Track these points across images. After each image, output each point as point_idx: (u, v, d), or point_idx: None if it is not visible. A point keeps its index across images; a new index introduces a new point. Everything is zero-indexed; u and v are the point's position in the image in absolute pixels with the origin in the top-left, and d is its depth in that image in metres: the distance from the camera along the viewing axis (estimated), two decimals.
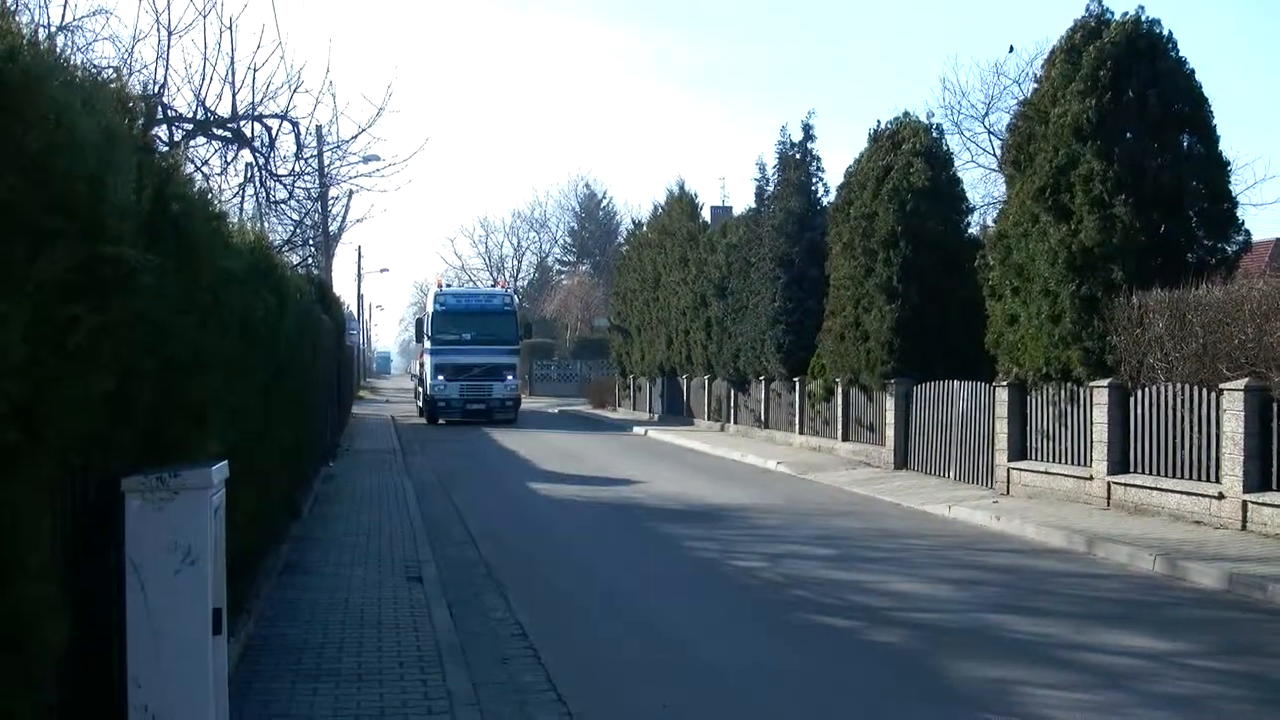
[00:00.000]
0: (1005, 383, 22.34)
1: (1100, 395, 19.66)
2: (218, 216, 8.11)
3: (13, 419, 3.99)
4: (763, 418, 37.98)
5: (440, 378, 46.00)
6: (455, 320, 47.00)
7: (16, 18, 4.42)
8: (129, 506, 5.66)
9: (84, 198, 4.46)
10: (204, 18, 18.49)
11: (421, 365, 50.10)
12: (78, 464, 4.93)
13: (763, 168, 37.93)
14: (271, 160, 20.78)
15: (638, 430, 44.23)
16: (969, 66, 63.64)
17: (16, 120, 3.96)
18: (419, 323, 51.29)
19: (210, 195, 8.13)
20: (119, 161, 4.87)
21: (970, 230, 28.72)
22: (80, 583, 5.18)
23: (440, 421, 46.07)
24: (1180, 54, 20.72)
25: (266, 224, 22.55)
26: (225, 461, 6.47)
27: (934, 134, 28.53)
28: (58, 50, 5.40)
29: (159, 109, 16.40)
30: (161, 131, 16.78)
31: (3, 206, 3.88)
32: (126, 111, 5.62)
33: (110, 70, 7.01)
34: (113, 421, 5.26)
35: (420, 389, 50.82)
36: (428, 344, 47.24)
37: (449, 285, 59.90)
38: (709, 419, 43.71)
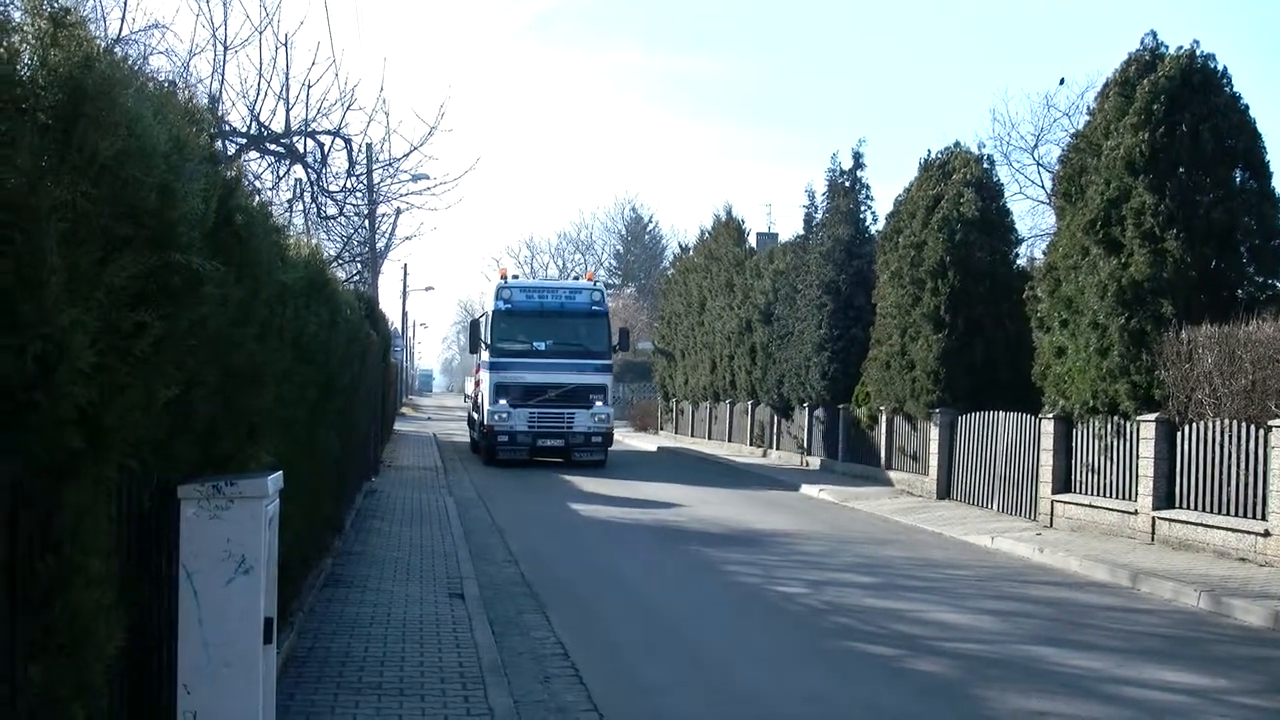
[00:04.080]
0: (1051, 415, 22.21)
1: (1147, 429, 19.52)
2: (277, 229, 8.19)
3: (78, 424, 4.03)
4: (805, 444, 37.87)
5: (502, 402, 33.58)
6: (525, 324, 34.24)
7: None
8: (184, 514, 5.71)
9: (154, 206, 4.52)
10: (260, 34, 18.78)
11: (477, 384, 38.03)
12: (137, 470, 4.96)
13: (811, 195, 38.03)
14: (323, 176, 21.00)
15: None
16: (1019, 98, 63.81)
17: (92, 127, 4.02)
18: (474, 327, 37.59)
19: (268, 208, 8.20)
20: (188, 170, 4.93)
21: (1018, 262, 28.61)
22: (134, 588, 5.22)
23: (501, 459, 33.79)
24: (1235, 89, 20.66)
25: (315, 239, 22.78)
26: (280, 472, 6.51)
27: (985, 165, 28.51)
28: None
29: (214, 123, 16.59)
30: (216, 145, 16.97)
31: (77, 213, 3.93)
32: (195, 122, 5.68)
33: (168, 84, 7.09)
34: (172, 429, 5.31)
35: (475, 415, 38.20)
36: (486, 355, 34.73)
37: (515, 277, 39.61)
38: (751, 444, 43.57)
